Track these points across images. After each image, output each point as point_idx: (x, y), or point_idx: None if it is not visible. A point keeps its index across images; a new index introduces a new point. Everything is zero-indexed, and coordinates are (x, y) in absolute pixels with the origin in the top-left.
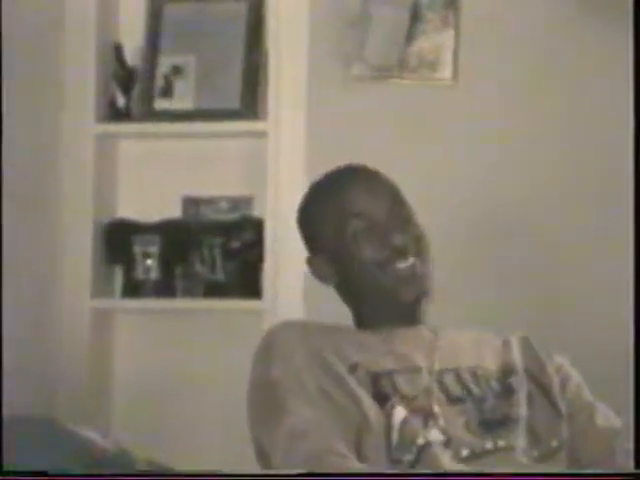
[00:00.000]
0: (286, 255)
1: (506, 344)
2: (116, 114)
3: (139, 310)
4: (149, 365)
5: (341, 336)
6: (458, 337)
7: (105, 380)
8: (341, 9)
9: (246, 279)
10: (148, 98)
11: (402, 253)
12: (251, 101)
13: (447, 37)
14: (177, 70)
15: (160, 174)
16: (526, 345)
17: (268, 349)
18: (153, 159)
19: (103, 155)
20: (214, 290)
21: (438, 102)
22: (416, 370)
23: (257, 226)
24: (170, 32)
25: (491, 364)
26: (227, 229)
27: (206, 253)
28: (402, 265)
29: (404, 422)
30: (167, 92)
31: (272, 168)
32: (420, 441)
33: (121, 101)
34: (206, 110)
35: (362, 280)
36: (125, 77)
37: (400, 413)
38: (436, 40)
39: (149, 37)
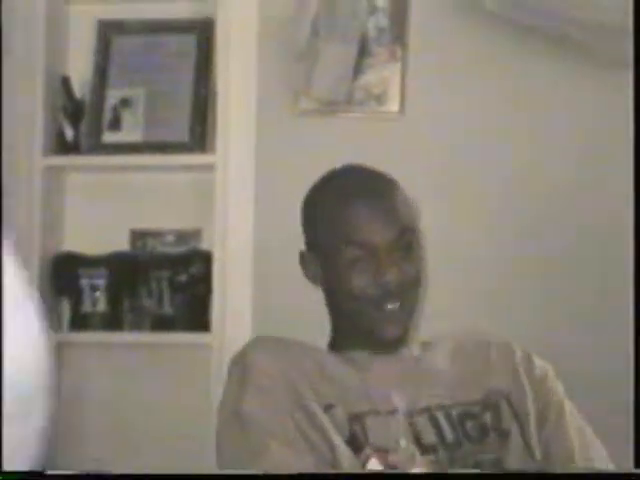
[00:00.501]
0: (234, 288)
1: (485, 357)
2: (64, 147)
3: (86, 343)
4: (96, 399)
5: (315, 364)
6: (437, 356)
7: (53, 413)
8: (289, 43)
9: (194, 312)
10: (96, 131)
11: (391, 295)
12: (200, 134)
13: (394, 71)
14: (125, 103)
15: (108, 207)
16: (507, 355)
17: (242, 376)
18: (101, 192)
19: (51, 188)
20: (162, 323)
21: (385, 135)
22: (390, 412)
23: (205, 259)
24: (119, 64)
25: (468, 392)
26: (175, 262)
27: (154, 286)
28: (390, 306)
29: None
30: (115, 125)
31: (220, 201)
32: None
33: (69, 134)
34: (154, 143)
35: (347, 304)
36: (73, 110)
37: (374, 466)
38: (383, 74)
39: (97, 69)
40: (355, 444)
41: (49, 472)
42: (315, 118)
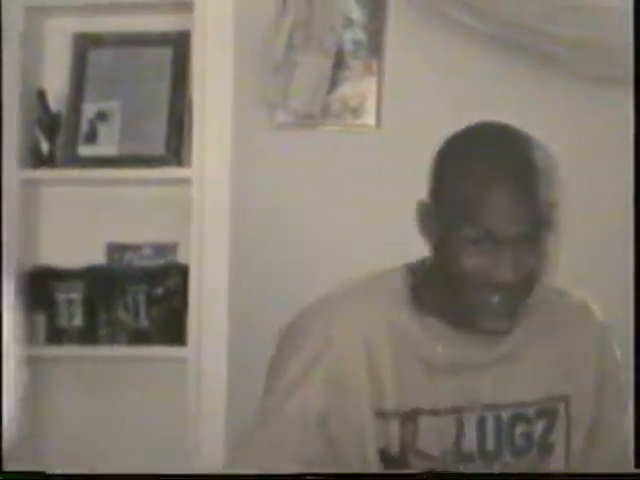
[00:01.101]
0: (211, 302)
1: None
2: (40, 160)
3: (62, 357)
4: (72, 413)
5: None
6: (517, 347)
7: (32, 426)
8: (265, 56)
9: (170, 326)
10: (72, 144)
11: (501, 291)
12: (176, 147)
13: (370, 84)
14: (102, 116)
15: (84, 220)
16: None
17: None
18: (77, 205)
19: (26, 201)
20: (138, 337)
21: (361, 148)
22: (453, 410)
23: (182, 272)
24: (95, 78)
25: (531, 393)
26: (151, 275)
27: (130, 300)
28: (495, 300)
29: None
30: (91, 138)
31: (196, 215)
32: None
33: (45, 147)
34: (130, 156)
35: (452, 280)
36: (49, 123)
37: None
38: (359, 87)
39: (73, 83)
40: (390, 458)
41: (49, 472)
42: (291, 131)
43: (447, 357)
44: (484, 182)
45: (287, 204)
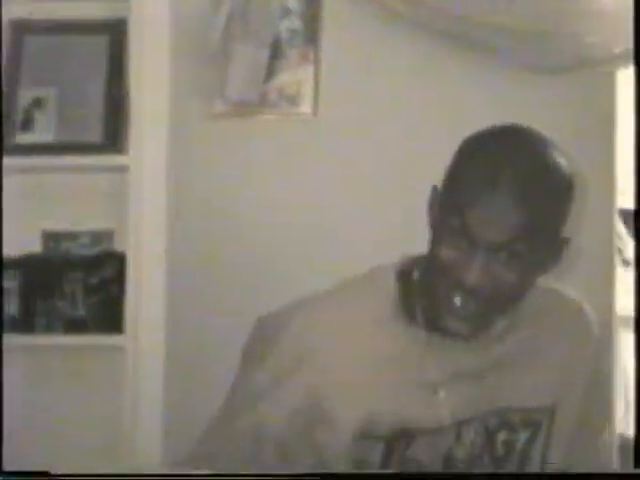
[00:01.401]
0: (148, 290)
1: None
2: None
3: None
4: (7, 402)
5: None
6: (515, 351)
7: None
8: (202, 45)
9: (107, 315)
10: (8, 131)
11: (467, 294)
12: (113, 135)
13: (307, 73)
14: (38, 103)
15: (20, 208)
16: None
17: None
18: (12, 193)
19: None
20: (75, 326)
21: (298, 137)
22: (450, 427)
23: (118, 260)
24: (30, 64)
25: (518, 400)
26: (88, 264)
27: (67, 288)
28: (457, 300)
29: None
30: (27, 125)
31: (134, 202)
32: None
33: None
34: (67, 143)
35: (430, 271)
36: None
37: None
38: (296, 76)
39: (8, 69)
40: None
41: (50, 472)
42: (228, 120)
43: (436, 368)
44: (488, 178)
45: (224, 192)
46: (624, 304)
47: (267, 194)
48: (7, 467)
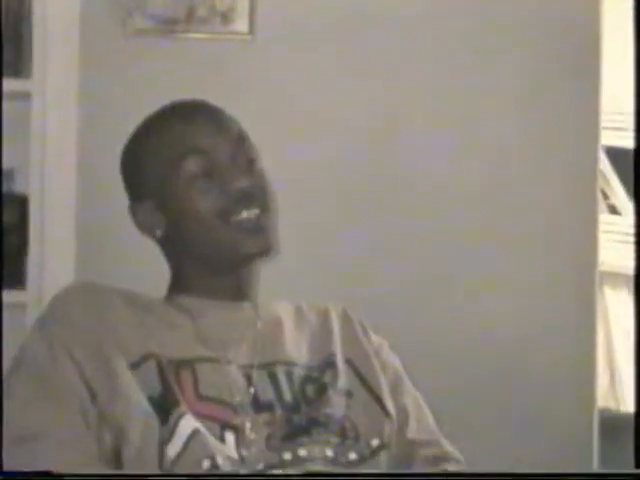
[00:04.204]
0: (54, 239)
1: (326, 323)
2: None
3: None
4: None
5: (138, 315)
6: (279, 316)
7: None
8: None
9: (7, 267)
10: None
11: (246, 201)
12: (13, 56)
13: None
14: None
15: None
16: (346, 323)
17: (43, 325)
18: None
19: None
20: None
21: (232, 59)
22: (225, 361)
23: (20, 205)
24: None
25: (308, 356)
26: None
27: None
28: (245, 215)
29: (192, 436)
30: None
31: (37, 136)
32: (205, 464)
33: None
34: None
35: (195, 232)
36: None
37: (188, 425)
38: None
39: None
40: (169, 399)
41: (51, 472)
42: (149, 38)
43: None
44: (174, 122)
45: None
46: (611, 258)
47: None
48: None
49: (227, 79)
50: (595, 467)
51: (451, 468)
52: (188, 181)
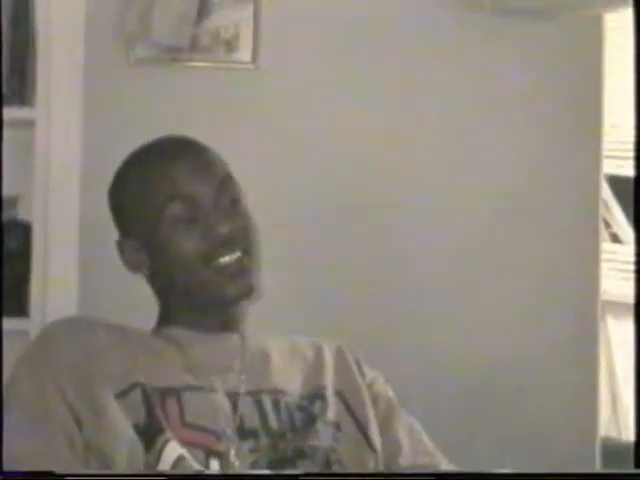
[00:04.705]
0: (58, 267)
1: (318, 357)
2: None
3: None
4: None
5: (124, 347)
6: (269, 348)
7: None
8: None
9: (10, 295)
10: None
11: (228, 245)
12: (17, 84)
13: (246, 13)
14: None
15: None
16: (340, 358)
17: (29, 357)
18: None
19: None
20: None
21: (235, 87)
22: (210, 389)
23: (23, 232)
24: None
25: (298, 385)
26: None
27: None
28: (227, 259)
29: (177, 462)
30: None
31: (41, 163)
32: None
33: None
34: None
35: (178, 273)
36: None
37: (173, 451)
38: (233, 17)
39: None
40: (154, 427)
41: (51, 472)
42: (153, 67)
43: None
44: (158, 164)
45: None
46: (612, 287)
47: None
48: None
49: (230, 107)
50: None
51: None
52: (171, 225)
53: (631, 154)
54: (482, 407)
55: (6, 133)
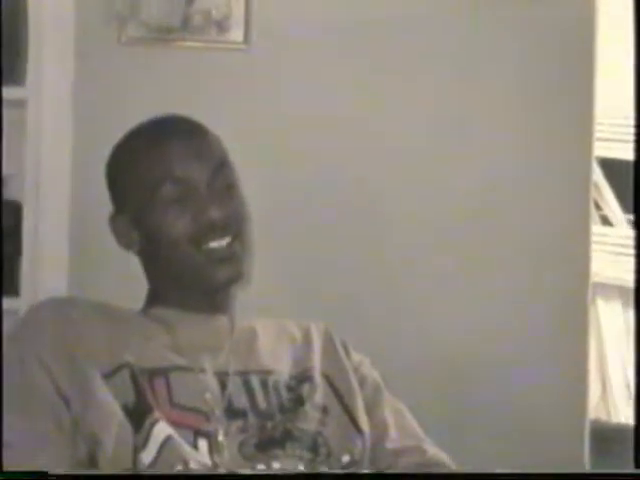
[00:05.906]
0: (48, 246)
1: (306, 338)
2: None
3: None
4: None
5: (112, 327)
6: (257, 328)
7: None
8: None
9: (1, 274)
10: None
11: (218, 230)
12: (8, 64)
13: None
14: None
15: None
16: (327, 340)
17: (15, 337)
18: None
19: None
20: None
21: (226, 68)
22: (199, 370)
23: (14, 211)
24: None
25: (286, 366)
26: None
27: None
28: (216, 244)
29: (165, 442)
30: None
31: (32, 142)
32: (178, 467)
33: None
34: None
35: (167, 254)
36: None
37: (162, 432)
38: None
39: None
40: (142, 407)
41: (51, 472)
42: (144, 47)
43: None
44: (154, 143)
45: None
46: (603, 269)
47: None
48: None
49: (221, 88)
50: None
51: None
52: (163, 206)
53: (622, 137)
54: (469, 389)
55: None
